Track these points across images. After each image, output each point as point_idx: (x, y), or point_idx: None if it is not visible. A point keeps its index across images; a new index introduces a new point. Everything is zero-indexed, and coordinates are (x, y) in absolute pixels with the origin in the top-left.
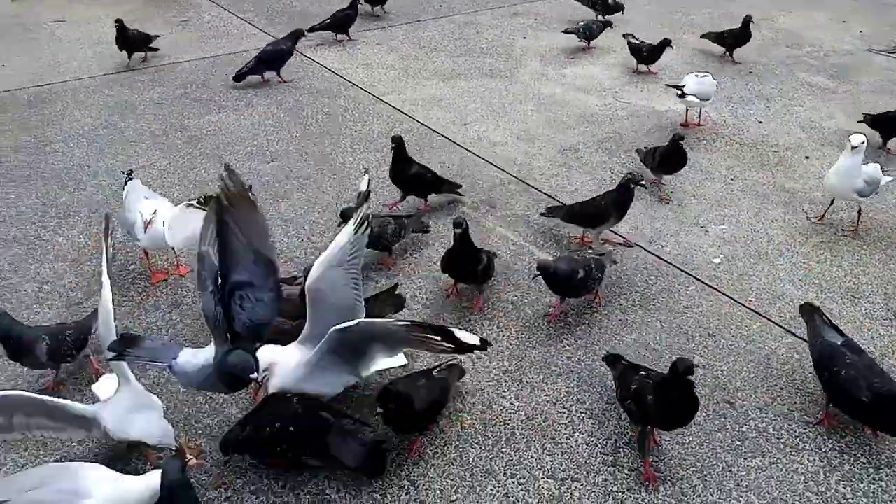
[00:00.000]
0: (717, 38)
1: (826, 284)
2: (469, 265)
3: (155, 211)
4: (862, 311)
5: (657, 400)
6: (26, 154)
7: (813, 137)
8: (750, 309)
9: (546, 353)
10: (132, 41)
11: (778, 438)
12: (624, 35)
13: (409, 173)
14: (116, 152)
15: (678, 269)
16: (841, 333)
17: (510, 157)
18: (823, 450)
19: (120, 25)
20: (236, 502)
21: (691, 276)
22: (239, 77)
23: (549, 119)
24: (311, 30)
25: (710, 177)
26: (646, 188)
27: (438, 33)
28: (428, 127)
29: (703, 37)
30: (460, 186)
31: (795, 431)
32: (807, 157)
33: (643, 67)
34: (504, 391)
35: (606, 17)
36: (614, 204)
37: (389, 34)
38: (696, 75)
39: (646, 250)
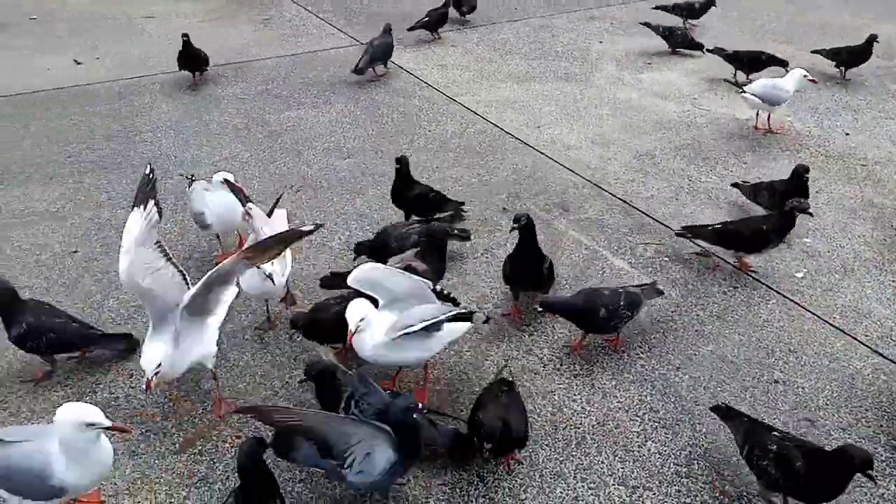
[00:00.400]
0: (832, 54)
1: None
2: (534, 267)
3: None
4: None
5: (810, 473)
6: (117, 143)
7: None
8: (834, 326)
9: (619, 359)
10: (195, 59)
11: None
12: (711, 50)
13: (412, 194)
14: (201, 143)
15: (759, 281)
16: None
17: (584, 160)
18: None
19: (186, 41)
20: (308, 485)
21: (772, 289)
22: (359, 71)
23: (624, 124)
24: (411, 29)
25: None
26: (812, 216)
27: (513, 36)
28: (501, 129)
29: (814, 52)
30: (463, 204)
31: (881, 455)
32: None
33: (741, 76)
34: (575, 395)
35: (691, 21)
36: (776, 230)
37: (464, 36)
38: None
39: (724, 260)
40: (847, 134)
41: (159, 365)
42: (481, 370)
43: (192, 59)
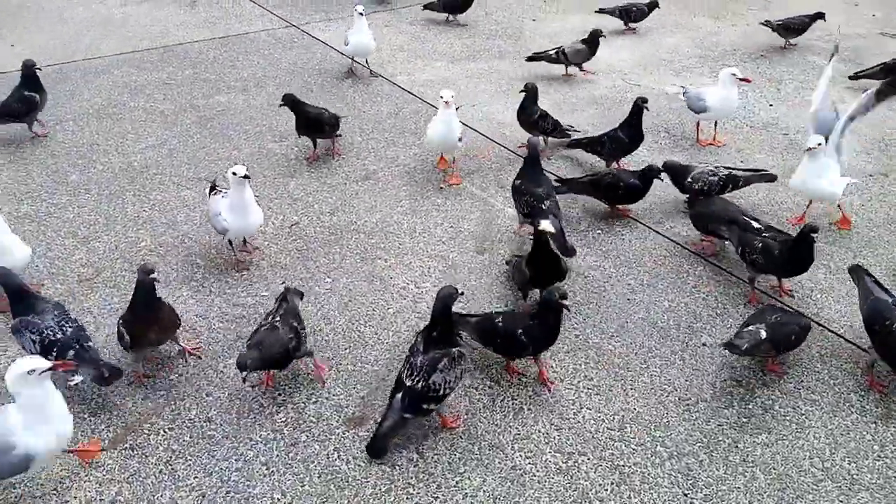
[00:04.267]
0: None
1: (834, 265)
2: (553, 264)
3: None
4: None
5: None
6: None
7: None
8: (759, 290)
9: None
10: (317, 123)
11: (784, 416)
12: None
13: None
14: (126, 131)
15: (686, 248)
16: (890, 294)
17: (519, 138)
18: (829, 427)
19: (293, 99)
20: (246, 472)
21: (699, 256)
22: (534, 58)
23: (557, 101)
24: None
25: (719, 159)
26: (661, 180)
27: (444, 15)
28: (436, 108)
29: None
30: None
31: (801, 409)
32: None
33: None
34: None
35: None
36: (643, 184)
37: (398, 15)
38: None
39: (653, 231)
40: (770, 105)
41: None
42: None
43: (313, 123)
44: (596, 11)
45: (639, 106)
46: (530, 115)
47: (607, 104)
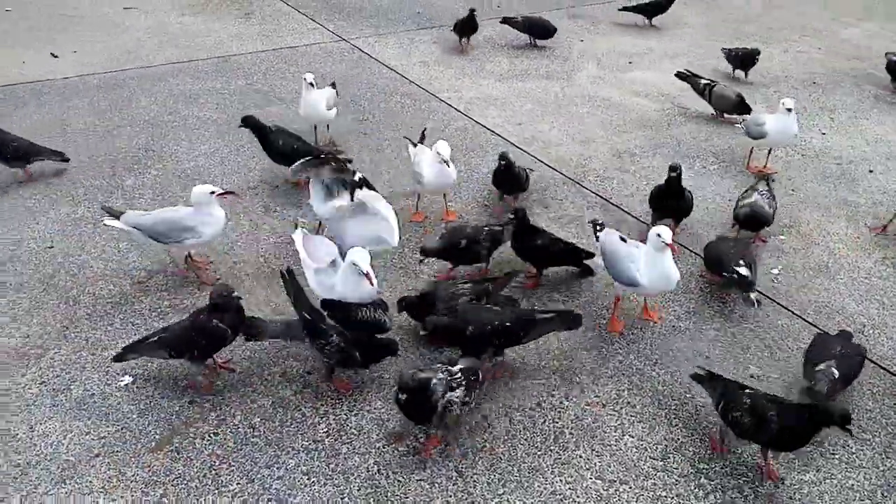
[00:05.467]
0: (729, 56)
1: (888, 301)
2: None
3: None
4: None
5: (784, 423)
6: (96, 137)
7: (878, 151)
8: (808, 322)
9: (597, 354)
10: (516, 180)
11: (833, 454)
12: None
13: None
14: (179, 139)
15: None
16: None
17: (564, 157)
18: (881, 468)
19: (506, 162)
20: (287, 481)
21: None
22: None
23: (604, 121)
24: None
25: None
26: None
27: (495, 34)
28: (482, 125)
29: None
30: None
31: (852, 448)
32: (870, 171)
33: (739, 73)
34: (554, 390)
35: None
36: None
37: (446, 34)
38: (783, 105)
39: (701, 257)
40: (823, 133)
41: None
42: None
43: (513, 179)
44: (619, 9)
45: None
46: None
47: (656, 127)
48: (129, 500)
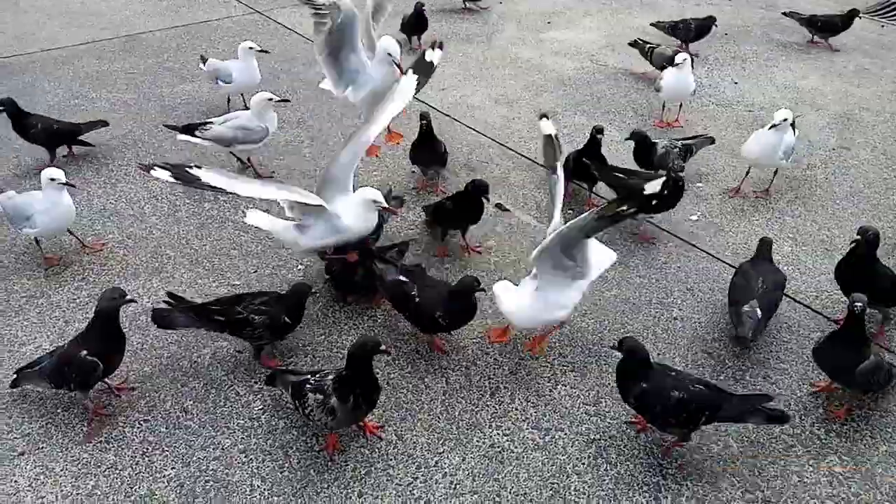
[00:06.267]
0: (670, 28)
1: (800, 238)
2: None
3: None
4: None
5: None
6: None
7: (787, 97)
8: (726, 263)
9: None
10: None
11: (754, 385)
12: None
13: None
14: None
15: (656, 226)
16: None
17: (489, 121)
18: (798, 395)
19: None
20: (224, 461)
21: (669, 232)
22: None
23: (527, 83)
24: None
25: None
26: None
27: None
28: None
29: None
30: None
31: (771, 377)
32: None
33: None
34: (488, 347)
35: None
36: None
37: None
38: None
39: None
40: (735, 83)
41: None
42: (396, 332)
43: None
44: (651, 24)
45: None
46: None
47: (576, 85)
48: (59, 494)
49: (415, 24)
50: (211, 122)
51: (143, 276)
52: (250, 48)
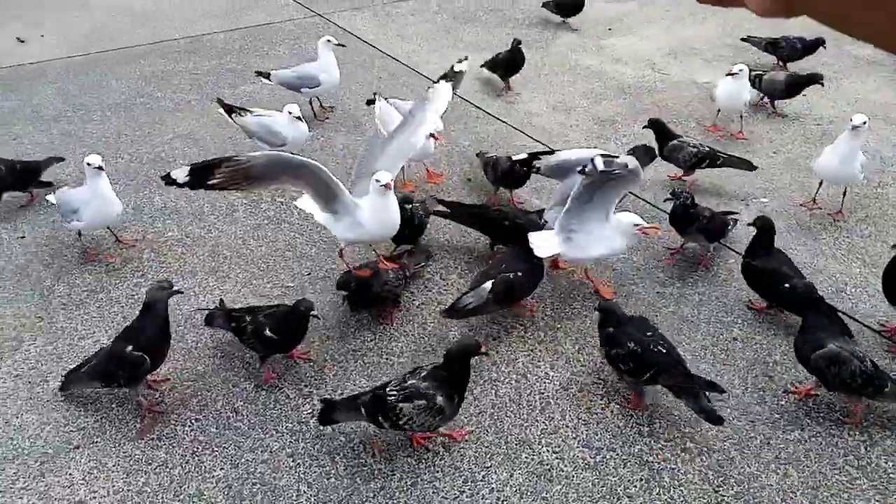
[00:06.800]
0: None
1: (869, 260)
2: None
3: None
4: None
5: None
6: (66, 123)
7: (858, 111)
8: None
9: (581, 324)
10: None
11: (818, 412)
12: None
13: None
14: (153, 121)
15: (717, 241)
16: None
17: (546, 127)
18: (864, 424)
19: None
20: (272, 464)
21: (731, 249)
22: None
23: (585, 90)
24: None
25: (750, 150)
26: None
27: (473, 4)
28: (462, 98)
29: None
30: None
31: (836, 406)
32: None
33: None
34: (539, 361)
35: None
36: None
37: (423, 4)
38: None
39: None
40: (804, 95)
41: None
42: (446, 341)
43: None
44: (742, 39)
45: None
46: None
47: (637, 94)
48: (111, 489)
49: (509, 63)
50: (249, 111)
51: (199, 274)
52: (328, 41)
